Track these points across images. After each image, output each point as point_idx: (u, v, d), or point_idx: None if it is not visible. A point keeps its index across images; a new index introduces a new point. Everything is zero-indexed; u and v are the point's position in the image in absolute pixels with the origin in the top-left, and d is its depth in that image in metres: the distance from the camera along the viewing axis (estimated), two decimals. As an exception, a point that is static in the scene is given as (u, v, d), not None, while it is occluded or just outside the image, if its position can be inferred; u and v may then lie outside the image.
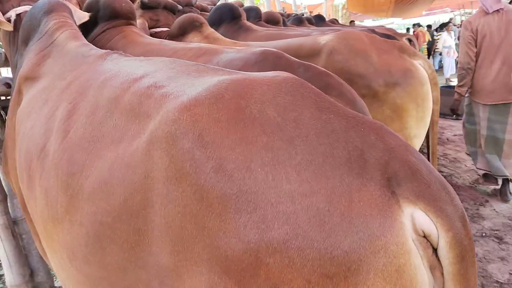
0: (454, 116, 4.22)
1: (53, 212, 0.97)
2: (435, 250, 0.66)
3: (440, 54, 12.75)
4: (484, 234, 3.23)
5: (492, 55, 3.45)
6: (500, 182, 3.86)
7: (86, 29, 1.86)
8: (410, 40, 3.60)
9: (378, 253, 0.58)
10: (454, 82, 9.31)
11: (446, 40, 12.12)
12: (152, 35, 2.30)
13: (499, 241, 3.14)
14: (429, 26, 15.36)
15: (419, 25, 14.47)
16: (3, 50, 2.09)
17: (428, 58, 14.49)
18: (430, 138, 2.03)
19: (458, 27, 14.36)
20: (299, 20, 4.98)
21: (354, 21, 14.98)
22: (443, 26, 14.27)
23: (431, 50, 14.04)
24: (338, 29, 4.05)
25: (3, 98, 2.25)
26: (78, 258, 0.91)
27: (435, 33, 14.56)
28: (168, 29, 2.39)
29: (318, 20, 6.00)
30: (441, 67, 14.39)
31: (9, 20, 1.64)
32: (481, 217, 3.53)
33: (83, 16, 1.75)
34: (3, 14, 1.62)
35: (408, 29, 16.40)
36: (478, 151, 3.84)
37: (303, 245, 0.59)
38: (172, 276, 0.72)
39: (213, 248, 0.64)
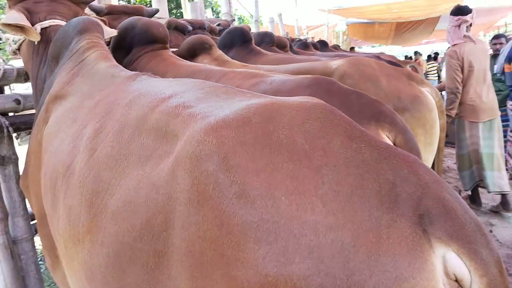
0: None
1: (75, 231, 0.96)
2: None
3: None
4: (487, 265, 3.20)
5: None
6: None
7: (119, 52, 1.89)
8: (414, 67, 3.66)
9: None
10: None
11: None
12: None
13: (503, 272, 3.10)
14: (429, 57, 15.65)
15: (419, 53, 14.71)
16: (15, 66, 2.09)
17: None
18: (436, 165, 2.02)
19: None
20: (305, 45, 5.06)
21: (354, 48, 15.23)
22: (430, 57, 14.70)
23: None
24: (344, 54, 4.12)
25: (11, 114, 2.23)
26: (97, 279, 0.88)
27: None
28: (177, 49, 2.42)
29: (322, 46, 6.11)
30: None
31: None
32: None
33: (112, 32, 1.77)
34: (32, 25, 1.62)
35: (406, 56, 16.67)
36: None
37: (325, 282, 0.56)
38: None
39: (231, 278, 0.62)
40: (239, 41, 2.64)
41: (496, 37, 5.82)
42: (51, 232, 1.24)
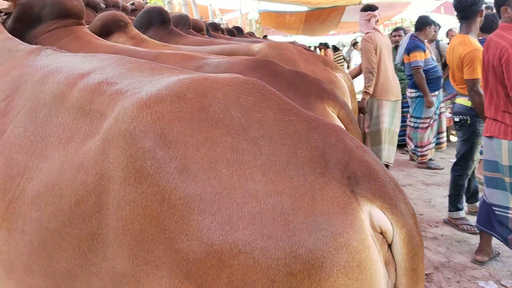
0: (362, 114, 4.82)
1: None
2: (389, 246, 0.70)
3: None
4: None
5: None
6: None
7: (24, 26, 1.69)
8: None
9: (341, 250, 0.60)
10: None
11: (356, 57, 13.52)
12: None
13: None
14: (334, 48, 16.65)
15: (326, 45, 15.49)
16: None
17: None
18: None
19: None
20: (217, 28, 5.03)
21: (267, 36, 15.56)
22: (336, 48, 15.65)
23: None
24: (260, 41, 4.19)
25: None
26: (18, 269, 0.82)
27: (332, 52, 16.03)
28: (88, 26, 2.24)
29: (238, 32, 6.14)
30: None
31: None
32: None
33: (1, 4, 1.56)
34: None
35: (315, 47, 17.48)
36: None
37: (268, 245, 0.59)
38: (129, 282, 0.69)
39: (175, 251, 0.63)
40: (157, 21, 2.53)
41: (396, 29, 6.53)
42: None
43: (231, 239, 0.59)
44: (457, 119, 3.56)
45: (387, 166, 4.57)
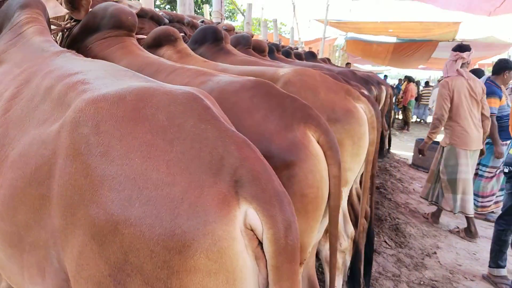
0: (421, 155, 4.67)
1: None
2: (260, 244, 0.80)
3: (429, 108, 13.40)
4: (422, 283, 3.35)
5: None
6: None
7: (86, 32, 2.00)
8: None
9: (207, 236, 0.72)
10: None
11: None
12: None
13: (433, 291, 3.25)
14: (426, 83, 16.13)
15: (410, 79, 14.97)
16: None
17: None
18: (364, 175, 2.16)
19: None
20: (287, 53, 5.21)
21: (350, 63, 15.46)
22: (427, 83, 15.36)
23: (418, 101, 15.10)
24: (318, 65, 4.28)
25: None
26: None
27: (421, 87, 15.39)
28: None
29: (309, 56, 6.25)
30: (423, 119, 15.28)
31: None
32: (424, 266, 3.65)
33: (60, 11, 1.89)
34: None
35: (400, 80, 16.98)
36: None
37: (154, 222, 0.72)
38: (61, 236, 0.85)
39: (88, 216, 0.77)
40: (210, 39, 2.75)
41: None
42: None
43: (126, 213, 0.73)
44: (506, 170, 3.30)
45: (467, 218, 4.38)
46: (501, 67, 4.72)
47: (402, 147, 10.30)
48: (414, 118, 16.06)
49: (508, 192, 3.33)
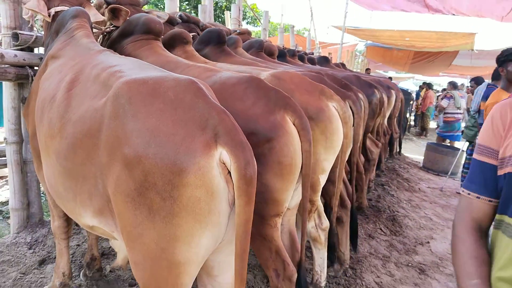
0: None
1: (52, 132, 1.59)
2: (229, 173, 1.21)
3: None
4: (409, 265, 3.68)
5: None
6: None
7: (122, 35, 2.56)
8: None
9: (196, 164, 1.16)
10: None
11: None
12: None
13: (420, 272, 3.57)
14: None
15: (429, 85, 15.07)
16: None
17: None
18: (338, 164, 2.43)
19: (468, 92, 15.02)
20: (301, 58, 5.63)
21: (369, 69, 15.68)
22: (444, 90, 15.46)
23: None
24: (323, 69, 4.69)
25: (36, 68, 2.97)
26: (61, 156, 1.52)
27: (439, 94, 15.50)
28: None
29: (323, 61, 6.64)
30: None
31: (49, 14, 2.35)
32: (415, 252, 3.96)
33: (99, 18, 2.50)
34: (48, 9, 2.33)
35: (420, 86, 17.05)
36: None
37: (163, 157, 1.15)
38: (105, 168, 1.30)
39: (123, 153, 1.21)
40: (214, 41, 3.21)
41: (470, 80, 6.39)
42: (38, 143, 1.91)
43: (146, 151, 1.16)
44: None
45: None
46: (499, 72, 5.01)
47: (417, 152, 10.53)
48: (434, 124, 16.15)
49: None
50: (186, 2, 18.63)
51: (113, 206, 1.29)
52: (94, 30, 2.52)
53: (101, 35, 2.73)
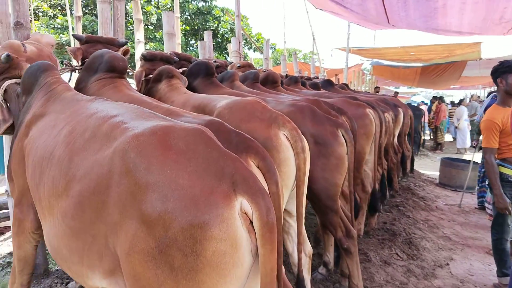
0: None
1: (56, 190, 1.55)
2: (251, 222, 1.19)
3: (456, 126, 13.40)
4: (429, 290, 3.53)
5: None
6: None
7: (88, 73, 2.55)
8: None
9: (218, 217, 1.13)
10: (467, 155, 9.57)
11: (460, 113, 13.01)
12: (149, 79, 3.06)
13: (440, 297, 3.42)
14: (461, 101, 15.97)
15: (441, 99, 14.92)
16: None
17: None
18: (296, 200, 2.18)
19: (479, 102, 14.78)
20: (296, 81, 5.61)
21: (379, 87, 15.63)
22: (453, 103, 15.36)
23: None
24: (315, 93, 4.66)
25: None
26: (68, 216, 1.47)
27: (449, 106, 15.33)
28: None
29: (327, 85, 6.64)
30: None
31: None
32: (434, 276, 3.80)
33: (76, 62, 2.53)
34: None
35: (431, 100, 16.88)
36: None
37: (183, 210, 1.12)
38: (117, 227, 1.24)
39: (139, 209, 1.16)
40: (203, 73, 3.26)
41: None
42: (33, 201, 1.86)
43: (165, 206, 1.12)
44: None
45: None
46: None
47: (433, 167, 10.28)
48: (450, 138, 15.88)
49: (493, 202, 3.53)
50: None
51: (125, 267, 1.23)
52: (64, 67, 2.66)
53: (70, 72, 2.80)
